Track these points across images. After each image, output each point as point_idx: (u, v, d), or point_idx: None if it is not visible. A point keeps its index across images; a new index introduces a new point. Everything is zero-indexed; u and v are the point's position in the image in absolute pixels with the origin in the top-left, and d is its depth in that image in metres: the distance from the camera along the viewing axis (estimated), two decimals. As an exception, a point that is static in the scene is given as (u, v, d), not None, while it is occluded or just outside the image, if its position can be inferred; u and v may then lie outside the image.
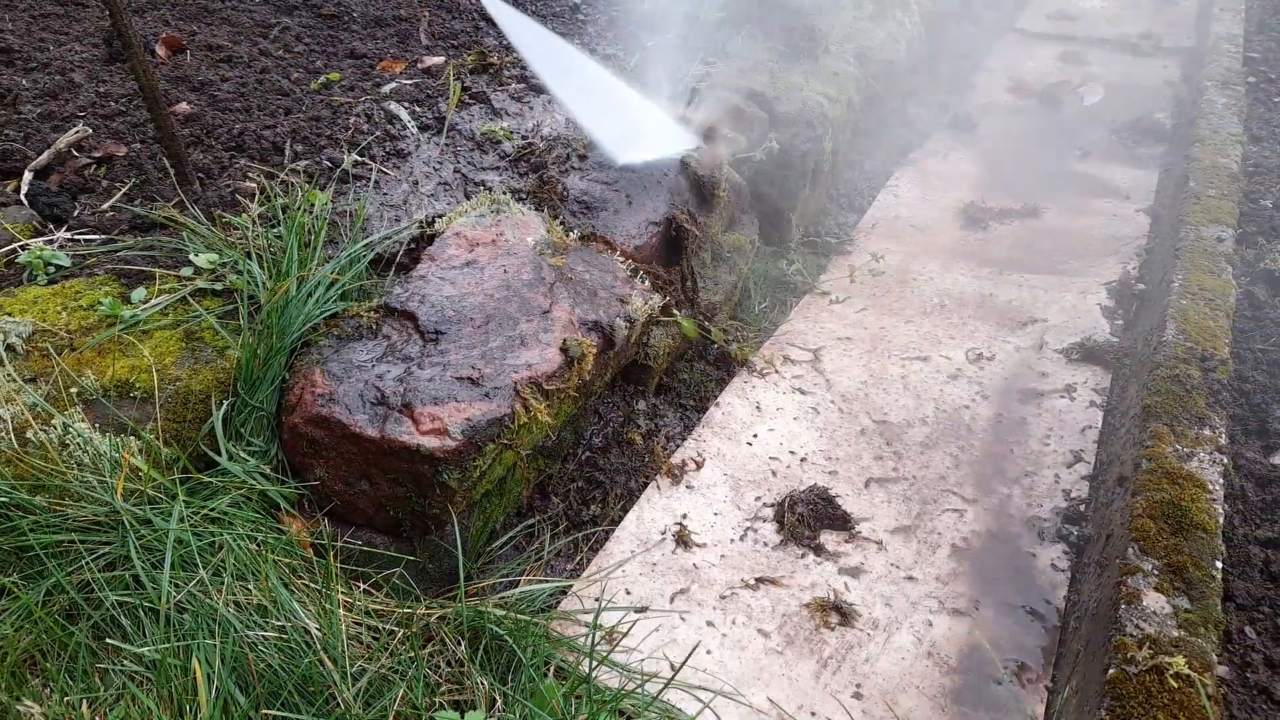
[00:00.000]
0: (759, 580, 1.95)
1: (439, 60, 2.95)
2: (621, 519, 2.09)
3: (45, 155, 2.25)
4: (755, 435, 2.34)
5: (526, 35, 2.36)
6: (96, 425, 1.64)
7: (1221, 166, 3.08)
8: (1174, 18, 5.17)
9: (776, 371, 2.56)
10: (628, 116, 2.48)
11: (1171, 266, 2.56)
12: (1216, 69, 3.93)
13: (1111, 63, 4.64)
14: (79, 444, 1.60)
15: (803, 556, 2.00)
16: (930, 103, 4.18)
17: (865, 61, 3.55)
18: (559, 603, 1.86)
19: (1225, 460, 1.88)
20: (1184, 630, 1.49)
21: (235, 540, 1.59)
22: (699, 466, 2.23)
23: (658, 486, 2.17)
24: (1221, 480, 1.82)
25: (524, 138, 2.60)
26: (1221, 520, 1.73)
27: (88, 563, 1.53)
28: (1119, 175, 3.59)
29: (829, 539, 2.05)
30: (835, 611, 1.88)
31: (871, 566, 1.98)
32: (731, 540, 2.04)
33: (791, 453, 2.29)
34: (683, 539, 2.03)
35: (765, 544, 2.04)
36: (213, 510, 1.64)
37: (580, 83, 2.42)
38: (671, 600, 1.90)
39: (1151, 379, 2.10)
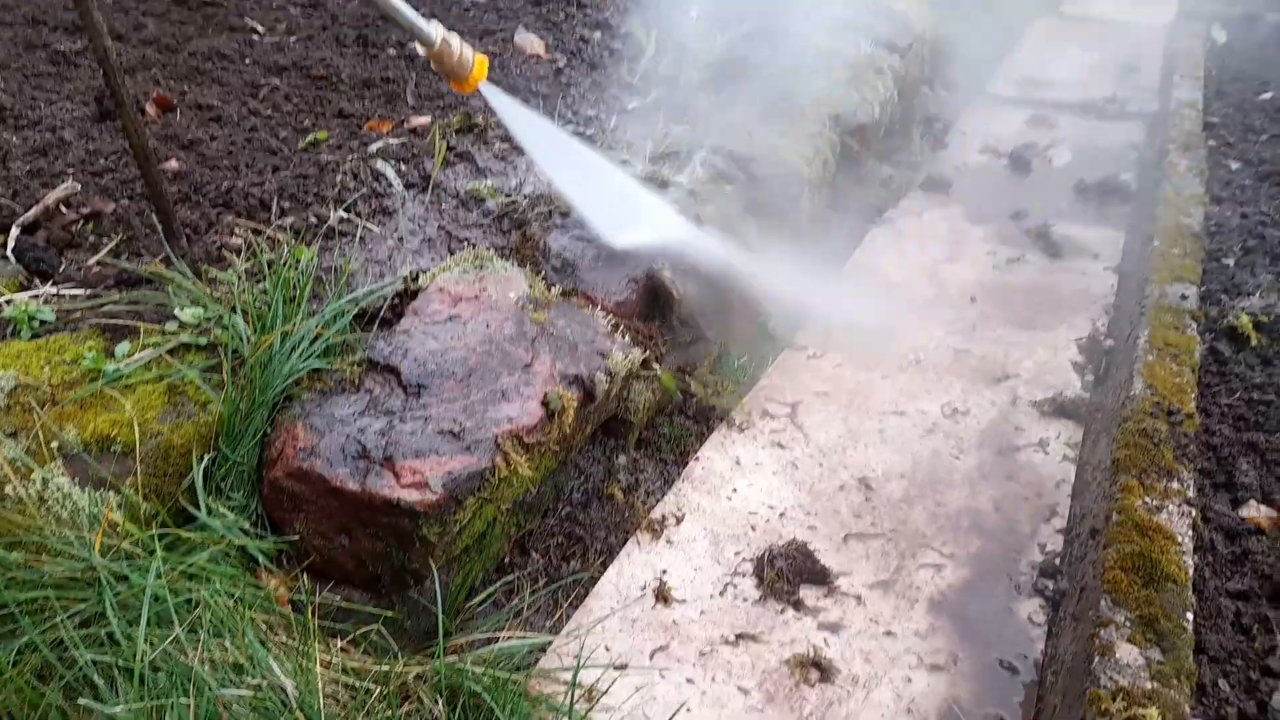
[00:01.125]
0: (739, 636, 1.95)
1: (425, 120, 3.02)
2: (601, 575, 2.09)
3: (33, 211, 2.28)
4: (734, 490, 2.36)
5: (527, 127, 2.46)
6: (76, 480, 1.63)
7: (1185, 226, 3.18)
8: (1138, 83, 5.36)
9: (755, 426, 2.59)
10: (627, 204, 2.55)
11: (1138, 323, 2.63)
12: (1178, 133, 4.07)
13: (1079, 126, 4.80)
14: (58, 499, 1.59)
15: (782, 612, 2.01)
16: (904, 163, 4.29)
17: (840, 124, 3.66)
18: (538, 660, 1.85)
19: (1194, 513, 1.92)
20: (1157, 682, 1.50)
21: (213, 596, 1.58)
22: (679, 521, 2.25)
23: (638, 542, 2.18)
24: (1191, 532, 1.85)
25: (507, 195, 2.66)
26: (1192, 572, 1.76)
27: (62, 620, 1.52)
28: (1087, 234, 3.69)
29: (808, 594, 2.06)
30: (815, 668, 1.88)
31: (851, 622, 1.99)
32: (711, 596, 2.05)
33: (770, 507, 2.30)
34: (663, 595, 2.03)
35: (745, 599, 2.04)
36: (190, 566, 1.63)
37: (579, 170, 2.51)
38: (651, 657, 1.90)
39: (1121, 433, 2.15)
